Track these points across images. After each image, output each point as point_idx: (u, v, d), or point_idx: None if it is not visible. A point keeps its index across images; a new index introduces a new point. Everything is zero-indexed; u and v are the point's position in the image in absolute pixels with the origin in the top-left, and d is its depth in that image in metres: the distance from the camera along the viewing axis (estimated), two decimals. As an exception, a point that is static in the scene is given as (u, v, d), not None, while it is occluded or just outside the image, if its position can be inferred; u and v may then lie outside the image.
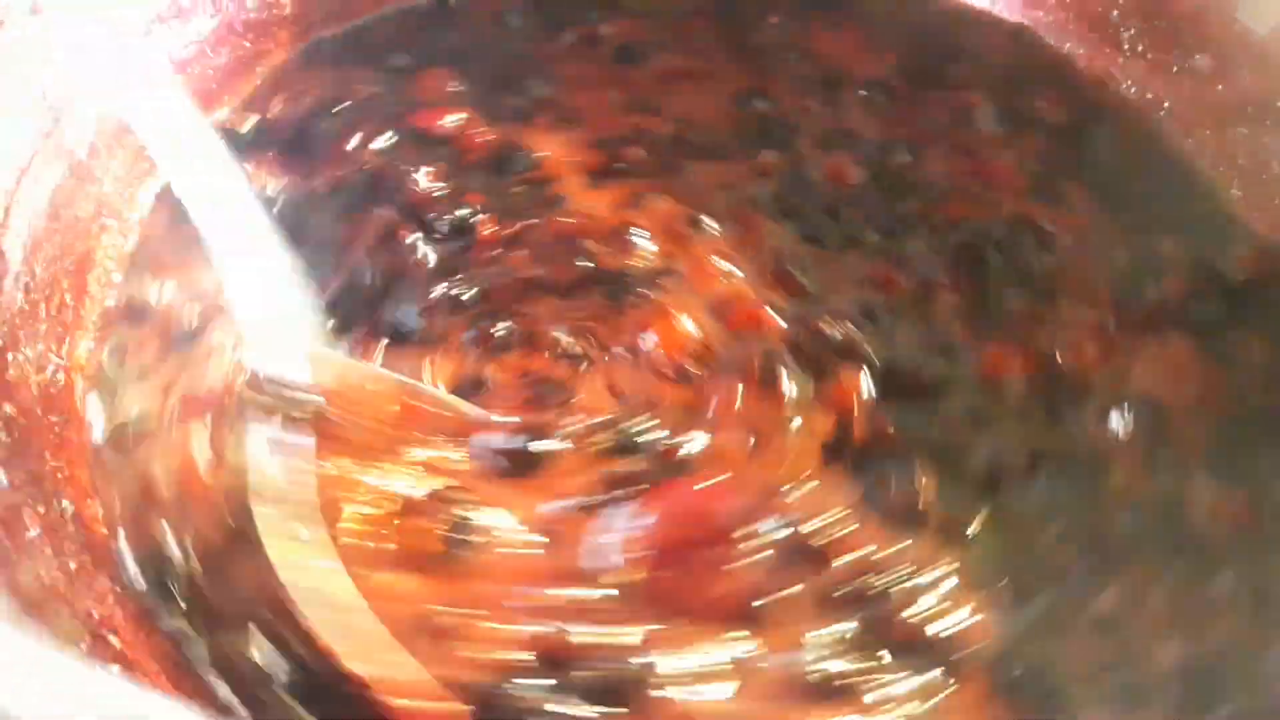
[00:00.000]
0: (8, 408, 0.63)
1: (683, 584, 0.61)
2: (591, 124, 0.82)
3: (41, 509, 0.60)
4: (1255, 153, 0.77)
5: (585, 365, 0.71)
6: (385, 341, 0.71)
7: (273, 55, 0.85)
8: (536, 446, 0.67)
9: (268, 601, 0.59)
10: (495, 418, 0.68)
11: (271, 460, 0.62)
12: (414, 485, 0.64)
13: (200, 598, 0.62)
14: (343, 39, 0.87)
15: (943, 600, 0.61)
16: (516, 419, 0.68)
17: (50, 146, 0.73)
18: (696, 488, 0.65)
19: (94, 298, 0.74)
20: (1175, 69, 0.81)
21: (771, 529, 0.63)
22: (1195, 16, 0.80)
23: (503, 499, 0.64)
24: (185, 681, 0.58)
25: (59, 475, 0.64)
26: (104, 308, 0.74)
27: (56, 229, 0.72)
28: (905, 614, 0.61)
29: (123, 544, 0.64)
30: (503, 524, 0.64)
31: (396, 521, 0.63)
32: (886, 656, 0.60)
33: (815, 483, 0.65)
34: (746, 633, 0.60)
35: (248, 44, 0.84)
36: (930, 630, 0.61)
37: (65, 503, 0.63)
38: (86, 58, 0.65)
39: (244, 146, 0.80)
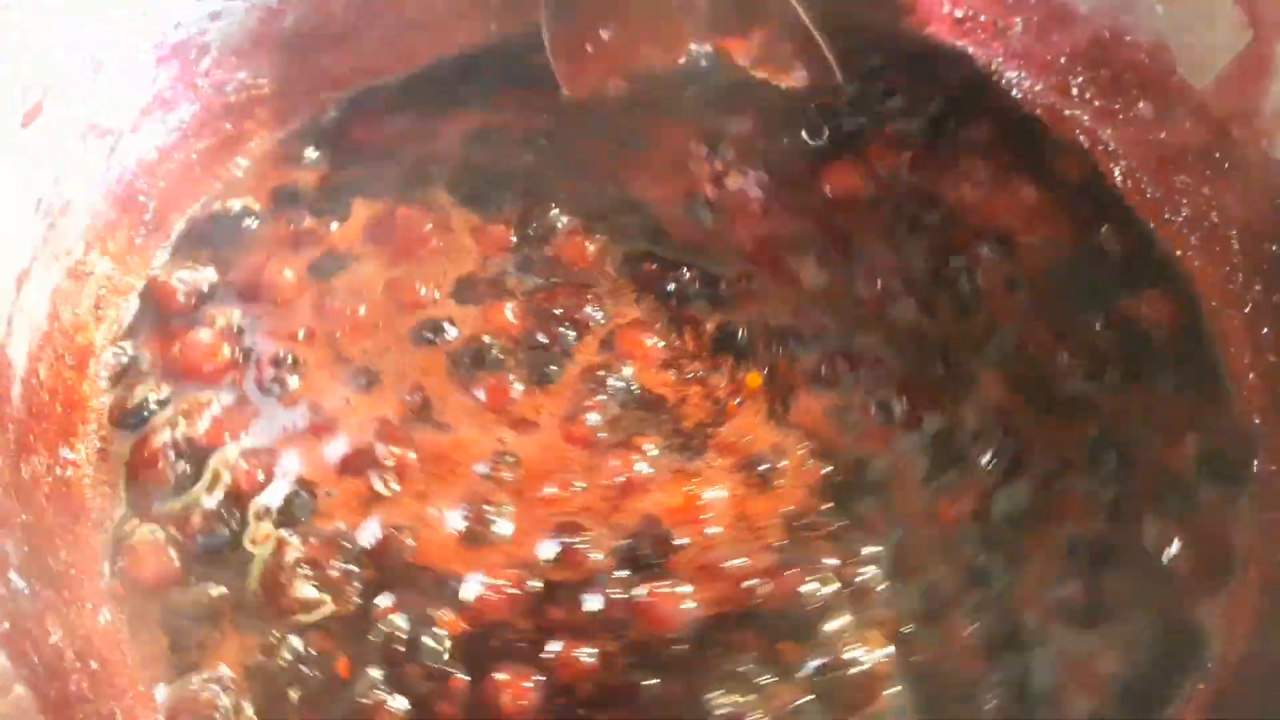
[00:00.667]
0: (24, 515, 0.69)
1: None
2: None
3: (62, 610, 0.66)
4: (1196, 202, 0.80)
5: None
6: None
7: (254, 135, 0.88)
8: None
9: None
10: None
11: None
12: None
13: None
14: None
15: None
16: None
17: (48, 250, 0.77)
18: None
19: (97, 390, 0.79)
20: (1120, 116, 0.84)
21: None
22: (1137, 67, 0.82)
23: None
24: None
25: (72, 573, 0.70)
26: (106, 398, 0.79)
27: (58, 329, 0.77)
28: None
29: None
30: None
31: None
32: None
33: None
34: None
35: (228, 126, 0.87)
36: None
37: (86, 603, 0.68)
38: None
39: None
